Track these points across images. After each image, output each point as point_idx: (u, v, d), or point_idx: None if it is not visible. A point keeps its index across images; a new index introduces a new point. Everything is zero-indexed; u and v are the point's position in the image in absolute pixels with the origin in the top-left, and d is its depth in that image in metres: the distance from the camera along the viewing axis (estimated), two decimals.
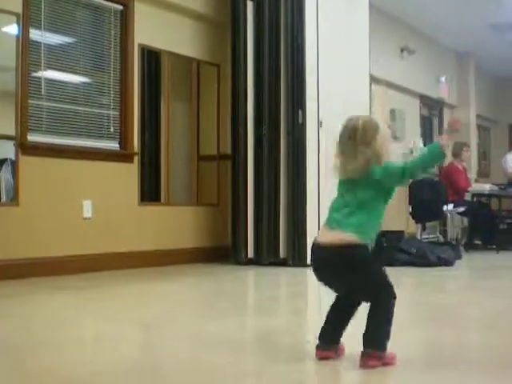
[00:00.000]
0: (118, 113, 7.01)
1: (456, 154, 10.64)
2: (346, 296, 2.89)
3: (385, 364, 2.70)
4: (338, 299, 2.92)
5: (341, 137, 2.85)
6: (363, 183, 2.78)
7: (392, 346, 2.75)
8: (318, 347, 2.86)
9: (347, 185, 2.84)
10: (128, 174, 7.01)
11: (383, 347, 2.71)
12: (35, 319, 4.06)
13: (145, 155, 7.36)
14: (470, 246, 9.78)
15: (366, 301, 2.80)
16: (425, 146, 11.75)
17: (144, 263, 6.95)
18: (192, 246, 7.70)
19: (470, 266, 7.93)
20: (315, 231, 7.18)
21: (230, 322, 3.96)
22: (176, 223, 7.53)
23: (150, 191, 7.55)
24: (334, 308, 2.91)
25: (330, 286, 2.88)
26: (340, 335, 2.88)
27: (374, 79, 9.74)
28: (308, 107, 7.23)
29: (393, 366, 2.71)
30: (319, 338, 2.87)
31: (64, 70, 6.55)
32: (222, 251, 7.84)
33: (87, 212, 6.54)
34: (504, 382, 2.53)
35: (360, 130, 2.79)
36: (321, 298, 5.63)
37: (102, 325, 3.87)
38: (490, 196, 10.47)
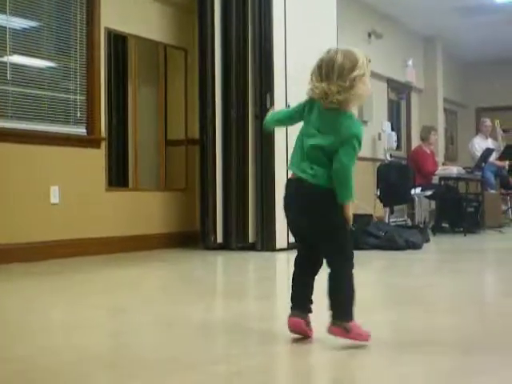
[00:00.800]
0: (84, 98, 6.94)
1: (424, 138, 10.71)
2: (306, 254, 2.92)
3: (358, 339, 2.75)
4: (299, 262, 2.95)
5: (314, 70, 2.85)
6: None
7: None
8: (289, 316, 2.89)
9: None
10: (95, 160, 6.96)
11: (351, 316, 2.76)
12: (3, 306, 4.02)
13: (112, 140, 7.31)
14: (438, 230, 9.85)
15: (327, 254, 2.82)
16: (392, 130, 11.82)
17: (112, 249, 6.92)
18: (161, 231, 7.67)
19: (438, 249, 8.00)
20: (284, 215, 7.19)
21: (198, 306, 3.95)
22: (144, 208, 7.50)
23: (117, 176, 7.51)
24: (297, 273, 2.95)
25: (297, 227, 2.94)
26: (309, 301, 2.91)
27: None
28: (276, 91, 7.22)
29: (367, 343, 2.73)
30: (291, 307, 2.90)
31: (30, 55, 6.47)
32: (190, 236, 7.82)
33: (54, 198, 6.48)
34: (470, 364, 2.55)
35: (337, 64, 2.76)
36: (290, 282, 5.65)
37: (71, 311, 3.84)
38: (457, 179, 10.55)
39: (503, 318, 3.52)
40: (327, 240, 2.81)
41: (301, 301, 2.91)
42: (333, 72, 2.75)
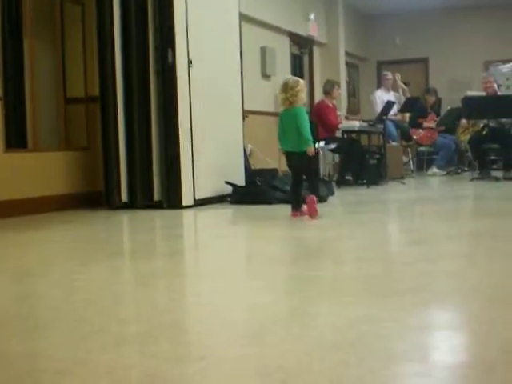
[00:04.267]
0: None
1: (327, 92, 10.76)
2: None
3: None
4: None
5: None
6: None
7: (269, 281, 2.75)
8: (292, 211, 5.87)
9: None
10: None
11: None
12: None
13: (9, 100, 7.05)
14: (342, 182, 9.97)
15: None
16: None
17: (13, 212, 6.71)
18: (63, 192, 7.48)
19: (343, 201, 8.10)
20: (189, 172, 7.15)
21: (105, 267, 3.88)
22: (45, 169, 7.29)
23: (16, 138, 7.26)
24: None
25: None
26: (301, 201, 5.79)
27: (243, 17, 9.66)
28: (177, 46, 7.09)
29: None
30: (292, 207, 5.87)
31: None
32: (95, 196, 7.67)
33: None
34: (378, 310, 2.58)
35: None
36: (197, 238, 5.63)
37: None
38: (359, 132, 10.67)
39: (407, 266, 3.58)
40: None
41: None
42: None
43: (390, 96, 12.42)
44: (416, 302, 2.73)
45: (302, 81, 6.04)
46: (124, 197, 7.33)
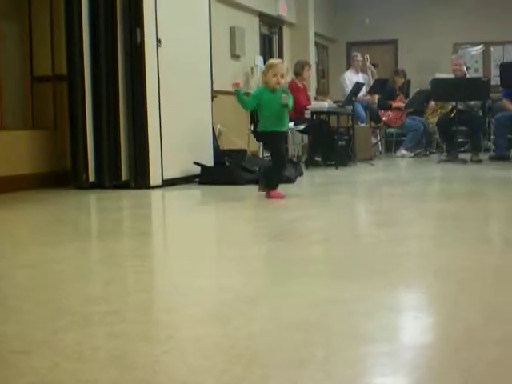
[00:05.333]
0: None
1: (297, 73, 10.75)
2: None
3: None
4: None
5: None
6: None
7: (236, 262, 2.75)
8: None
9: None
10: None
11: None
12: None
13: None
14: (311, 163, 9.99)
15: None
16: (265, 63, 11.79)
17: None
18: (29, 171, 7.40)
19: (311, 182, 8.12)
20: (157, 152, 7.11)
21: (73, 247, 3.84)
22: (11, 148, 7.19)
23: None
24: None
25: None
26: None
27: None
28: (146, 26, 7.02)
29: None
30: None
31: None
32: (62, 176, 7.60)
33: None
34: (345, 291, 2.59)
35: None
36: (165, 219, 5.61)
37: None
38: (328, 113, 10.67)
39: (374, 247, 3.60)
40: None
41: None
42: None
43: (359, 77, 12.44)
44: (383, 283, 2.74)
45: (271, 61, 6.29)
46: (92, 176, 7.27)
